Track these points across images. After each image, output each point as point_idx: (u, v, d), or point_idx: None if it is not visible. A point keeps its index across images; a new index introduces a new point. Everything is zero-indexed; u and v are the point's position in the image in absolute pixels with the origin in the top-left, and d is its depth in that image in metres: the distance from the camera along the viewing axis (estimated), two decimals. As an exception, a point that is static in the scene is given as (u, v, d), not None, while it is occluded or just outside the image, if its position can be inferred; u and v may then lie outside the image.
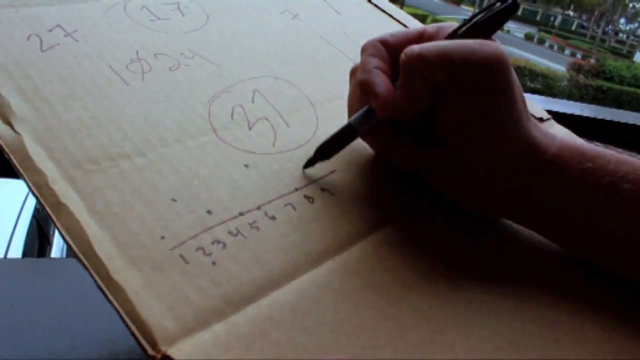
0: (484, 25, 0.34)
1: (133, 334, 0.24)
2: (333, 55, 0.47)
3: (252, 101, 0.39)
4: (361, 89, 0.34)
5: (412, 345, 0.28)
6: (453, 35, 0.35)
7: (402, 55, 0.33)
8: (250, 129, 0.37)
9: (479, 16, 0.35)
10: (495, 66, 0.32)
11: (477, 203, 0.36)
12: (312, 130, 0.38)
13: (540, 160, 0.33)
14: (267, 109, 0.38)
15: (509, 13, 0.34)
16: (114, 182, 0.30)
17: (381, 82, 0.33)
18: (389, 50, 0.36)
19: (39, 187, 0.29)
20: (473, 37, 0.34)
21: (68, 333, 0.45)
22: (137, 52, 0.38)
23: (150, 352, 0.24)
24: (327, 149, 0.35)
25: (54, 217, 0.27)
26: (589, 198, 0.32)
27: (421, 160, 0.36)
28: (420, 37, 0.36)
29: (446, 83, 0.32)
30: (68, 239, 0.27)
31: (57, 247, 2.25)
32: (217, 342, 0.25)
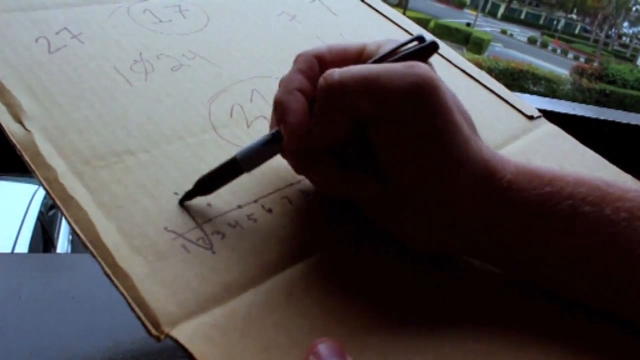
0: (404, 60, 0.31)
1: (138, 317, 0.26)
2: (330, 56, 0.48)
3: (251, 100, 0.40)
4: (274, 109, 0.32)
5: (401, 329, 0.29)
6: (379, 61, 0.32)
7: (321, 80, 0.30)
8: (248, 127, 0.38)
9: (401, 49, 0.32)
10: (426, 90, 0.29)
11: (427, 241, 0.32)
12: (308, 128, 0.40)
13: (496, 187, 0.31)
14: (265, 108, 0.40)
15: (430, 52, 0.32)
16: (119, 176, 0.32)
17: (296, 108, 0.30)
18: (322, 66, 0.32)
19: (49, 181, 0.30)
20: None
21: (74, 324, 0.46)
22: (141, 54, 0.40)
23: (154, 332, 0.25)
24: (208, 183, 0.32)
25: (63, 210, 0.29)
26: (550, 225, 0.30)
27: (355, 190, 0.32)
28: (360, 55, 0.33)
29: (371, 113, 0.30)
30: (77, 229, 0.28)
31: (61, 249, 2.27)
32: (216, 325, 0.26)
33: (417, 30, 0.57)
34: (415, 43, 0.32)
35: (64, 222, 2.48)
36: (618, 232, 0.29)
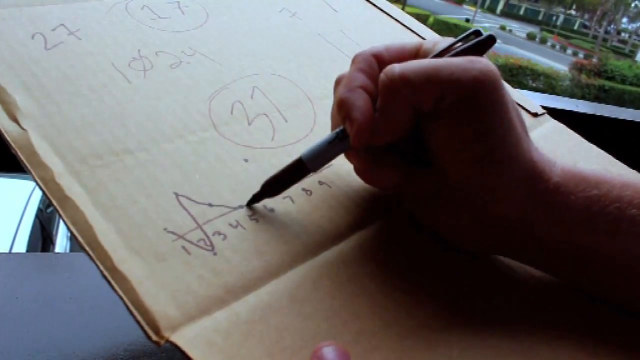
0: (463, 54, 0.32)
1: (137, 321, 0.25)
2: (330, 52, 0.48)
3: (251, 97, 0.39)
4: (338, 107, 0.32)
5: (407, 332, 0.28)
6: (438, 57, 0.32)
7: (382, 76, 0.30)
8: (249, 124, 0.37)
9: (458, 45, 0.33)
10: (487, 85, 0.29)
11: (469, 237, 0.33)
12: (309, 126, 0.39)
13: (542, 188, 0.31)
14: (266, 105, 0.39)
15: (487, 45, 0.32)
16: (117, 176, 0.31)
17: (361, 105, 0.30)
18: (381, 65, 0.32)
19: (46, 181, 0.29)
20: None
21: (72, 325, 0.46)
22: (139, 50, 0.39)
23: (154, 337, 0.25)
24: (275, 185, 0.32)
25: (60, 211, 0.28)
26: (596, 227, 0.30)
27: (406, 182, 0.33)
28: (417, 53, 0.34)
29: (432, 106, 0.30)
30: (74, 231, 0.28)
31: (60, 247, 2.27)
32: (218, 329, 0.26)
33: (418, 26, 0.56)
34: (471, 38, 0.33)
35: (62, 219, 2.45)
36: None
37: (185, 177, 0.32)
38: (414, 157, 0.33)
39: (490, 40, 0.32)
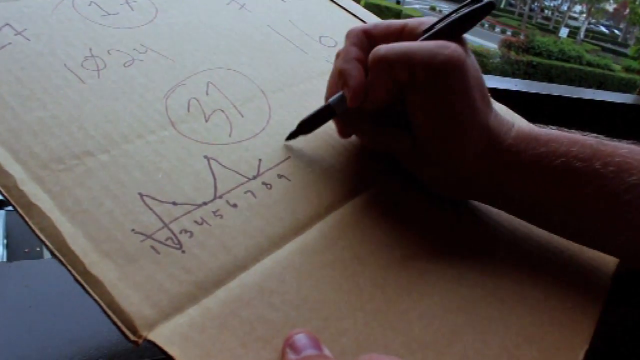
0: (458, 23, 0.36)
1: (114, 323, 0.26)
2: (281, 44, 0.48)
3: (207, 93, 0.40)
4: (338, 77, 0.38)
5: (371, 314, 0.30)
6: (426, 32, 0.37)
7: (370, 55, 0.36)
8: (206, 121, 0.38)
9: (455, 14, 0.36)
10: (451, 68, 0.34)
11: (442, 184, 0.39)
12: (265, 119, 0.40)
13: (498, 148, 0.37)
14: (222, 101, 0.40)
15: (485, 12, 0.36)
16: (81, 179, 0.31)
17: (356, 74, 0.37)
18: (370, 40, 0.38)
19: (8, 189, 0.29)
20: (444, 36, 0.36)
21: (34, 333, 0.45)
22: (91, 49, 0.39)
23: (132, 337, 0.25)
24: (308, 125, 0.39)
25: (26, 218, 0.28)
26: (544, 179, 0.36)
27: (394, 141, 0.39)
28: (402, 31, 0.39)
29: (407, 81, 0.35)
30: (42, 237, 0.28)
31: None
32: (192, 324, 0.27)
33: (363, 12, 0.57)
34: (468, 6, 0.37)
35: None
36: (606, 184, 0.34)
37: (148, 177, 0.33)
38: (401, 124, 0.39)
39: (489, 5, 0.36)
